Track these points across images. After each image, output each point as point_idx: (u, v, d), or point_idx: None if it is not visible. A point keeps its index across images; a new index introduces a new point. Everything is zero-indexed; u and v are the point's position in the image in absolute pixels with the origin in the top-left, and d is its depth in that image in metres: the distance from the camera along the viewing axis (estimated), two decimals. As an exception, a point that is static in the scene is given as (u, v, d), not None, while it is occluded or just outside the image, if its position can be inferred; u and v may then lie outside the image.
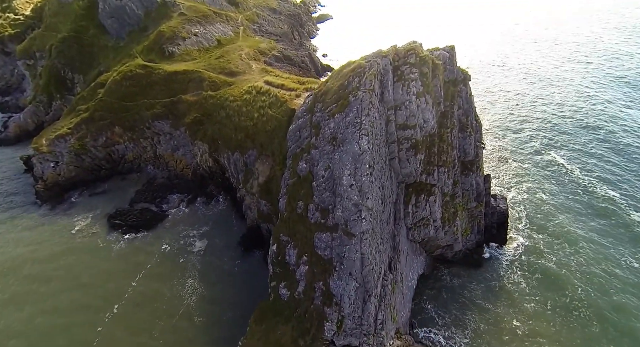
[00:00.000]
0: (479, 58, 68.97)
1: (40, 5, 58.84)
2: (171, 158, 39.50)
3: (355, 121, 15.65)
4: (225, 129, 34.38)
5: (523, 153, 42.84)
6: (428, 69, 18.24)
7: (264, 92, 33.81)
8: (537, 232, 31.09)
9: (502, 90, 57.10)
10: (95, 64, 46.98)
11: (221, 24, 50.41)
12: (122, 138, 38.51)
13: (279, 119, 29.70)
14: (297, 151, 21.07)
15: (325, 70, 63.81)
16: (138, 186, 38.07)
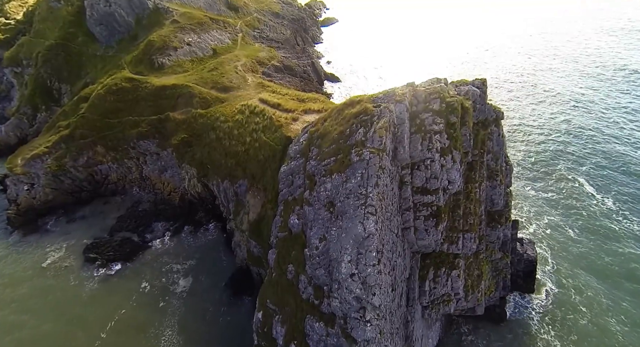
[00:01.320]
0: (493, 65, 64.77)
1: (31, 10, 56.26)
2: (158, 180, 36.28)
3: (359, 192, 12.06)
4: (214, 152, 31.01)
5: (545, 178, 38.61)
6: (457, 117, 14.52)
7: (258, 112, 30.35)
8: (568, 277, 27.08)
9: (518, 104, 52.89)
10: (82, 74, 44.08)
11: (218, 32, 47.12)
12: (105, 158, 35.41)
13: (273, 148, 26.20)
14: (289, 198, 17.56)
15: (329, 80, 60.36)
16: (121, 211, 34.92)
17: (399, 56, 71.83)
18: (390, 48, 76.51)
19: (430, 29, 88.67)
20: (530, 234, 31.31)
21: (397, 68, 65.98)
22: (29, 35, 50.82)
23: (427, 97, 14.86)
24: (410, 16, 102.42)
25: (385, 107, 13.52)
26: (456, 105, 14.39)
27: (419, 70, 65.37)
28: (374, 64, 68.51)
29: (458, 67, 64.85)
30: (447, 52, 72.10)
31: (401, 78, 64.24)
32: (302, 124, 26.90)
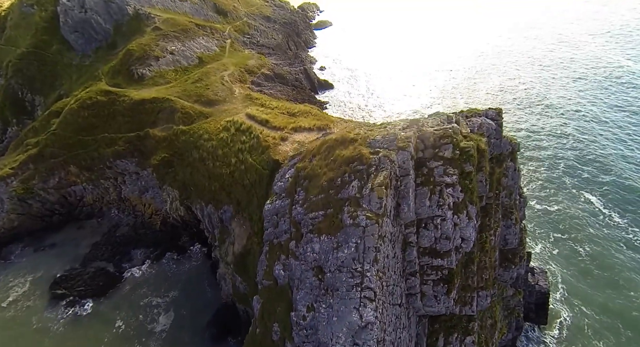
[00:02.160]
0: (488, 71, 63.24)
1: (4, 15, 52.74)
2: (138, 201, 33.47)
3: (353, 267, 9.74)
4: (197, 174, 28.41)
5: (550, 193, 36.84)
6: (472, 166, 12.15)
7: (244, 130, 27.83)
8: (582, 303, 25.14)
9: (514, 113, 51.32)
10: (57, 85, 40.96)
11: (204, 38, 44.45)
12: (79, 178, 32.48)
13: (260, 171, 23.72)
14: (274, 241, 15.19)
15: (323, 87, 58.00)
16: (96, 237, 31.99)
17: (394, 60, 69.91)
18: (385, 52, 74.57)
19: (426, 31, 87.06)
20: (537, 255, 29.42)
21: (392, 73, 64.03)
22: (0, 42, 47.41)
23: (436, 142, 12.20)
24: (405, 18, 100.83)
25: (385, 156, 11.03)
26: (472, 152, 11.88)
27: (414, 73, 63.60)
28: (368, 69, 66.41)
29: (453, 71, 63.18)
30: (442, 55, 70.50)
31: (396, 83, 62.99)
32: (292, 144, 24.51)
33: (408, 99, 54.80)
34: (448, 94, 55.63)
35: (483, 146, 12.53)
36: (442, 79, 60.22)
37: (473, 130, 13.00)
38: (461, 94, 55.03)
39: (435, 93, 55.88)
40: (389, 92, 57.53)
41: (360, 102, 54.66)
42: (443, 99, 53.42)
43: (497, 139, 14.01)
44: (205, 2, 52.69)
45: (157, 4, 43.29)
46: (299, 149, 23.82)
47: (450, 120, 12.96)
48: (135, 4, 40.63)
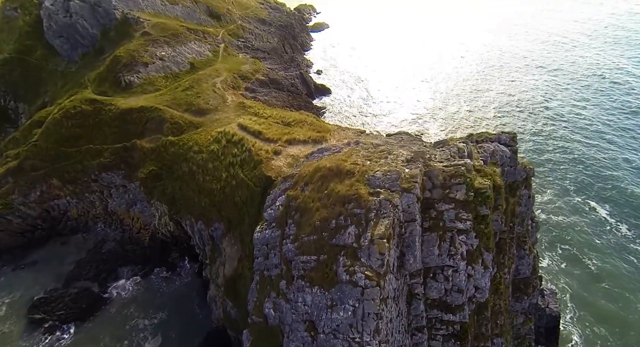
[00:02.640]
0: (488, 72, 62.17)
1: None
2: (126, 215, 31.85)
3: (350, 336, 8.25)
4: (187, 188, 26.91)
5: (554, 202, 35.74)
6: (489, 208, 10.47)
7: (236, 141, 26.42)
8: (594, 322, 23.90)
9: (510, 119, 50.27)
10: (42, 92, 39.26)
11: (196, 43, 42.95)
12: (63, 191, 30.83)
13: (251, 189, 22.31)
14: (264, 273, 13.81)
15: (319, 92, 56.53)
16: (81, 254, 30.32)
17: (394, 61, 68.72)
18: (383, 53, 73.34)
19: (425, 32, 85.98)
20: (545, 269, 28.22)
21: (391, 75, 62.71)
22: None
23: (446, 181, 10.50)
24: (404, 18, 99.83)
25: (387, 199, 9.48)
26: (489, 193, 10.33)
27: (414, 75, 62.32)
28: (366, 72, 65.12)
29: (454, 74, 62.03)
30: (442, 56, 69.41)
31: (394, 87, 61.72)
32: (285, 158, 23.12)
33: (409, 103, 53.43)
34: (450, 98, 54.14)
35: (499, 181, 10.99)
36: (444, 83, 58.92)
37: (486, 160, 11.50)
38: (464, 100, 53.49)
39: (438, 98, 54.47)
40: (389, 95, 56.13)
41: (358, 107, 53.25)
42: (445, 105, 51.93)
43: (511, 166, 12.56)
44: (198, 5, 51.20)
45: (146, 8, 41.74)
46: (293, 164, 22.47)
47: (461, 154, 11.29)
48: (123, 8, 39.06)
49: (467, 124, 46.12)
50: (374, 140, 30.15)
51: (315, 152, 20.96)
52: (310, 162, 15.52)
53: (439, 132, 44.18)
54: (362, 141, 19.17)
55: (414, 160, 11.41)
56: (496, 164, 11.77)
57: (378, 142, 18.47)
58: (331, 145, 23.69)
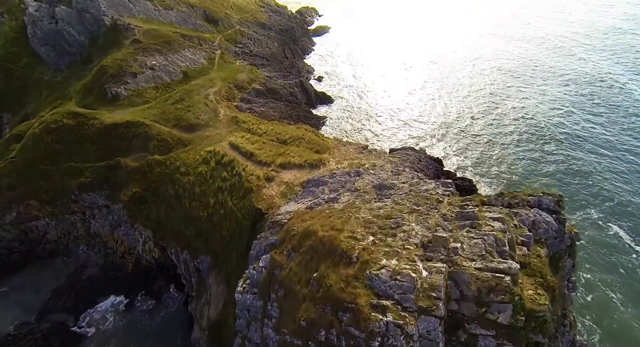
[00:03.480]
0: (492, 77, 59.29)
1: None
2: (110, 237, 29.62)
3: None
4: (172, 213, 24.65)
5: (573, 224, 33.03)
6: (546, 335, 7.21)
7: (225, 163, 24.16)
8: None
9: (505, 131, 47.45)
10: (26, 102, 37.24)
11: (190, 50, 40.81)
12: (41, 212, 28.68)
13: (240, 221, 20.01)
14: (246, 342, 11.42)
15: (320, 101, 54.06)
16: (60, 280, 28.10)
17: (398, 66, 65.85)
18: (387, 57, 70.46)
19: (431, 34, 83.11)
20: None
21: (395, 81, 59.90)
22: (-30, 53, 43.73)
23: (482, 294, 7.11)
24: (409, 19, 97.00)
25: (397, 326, 6.54)
26: (547, 317, 7.11)
27: (417, 80, 59.55)
28: (370, 78, 62.46)
29: (463, 81, 59.29)
30: (450, 61, 66.58)
31: (399, 94, 59.06)
32: (278, 186, 20.81)
33: (414, 111, 50.03)
34: (461, 110, 50.18)
35: (551, 280, 7.70)
36: (454, 92, 55.70)
37: (528, 242, 8.38)
38: (478, 111, 49.63)
39: (447, 107, 50.95)
40: (394, 102, 53.15)
41: (360, 116, 50.43)
42: (457, 120, 48.00)
43: (557, 238, 9.79)
44: (194, 10, 49.11)
45: (138, 14, 39.66)
46: (286, 193, 20.12)
47: (500, 246, 7.67)
48: (113, 14, 36.99)
49: (478, 140, 43.10)
50: (377, 160, 27.71)
51: (311, 183, 18.63)
52: (301, 215, 13.00)
53: (448, 147, 41.40)
54: (364, 177, 16.77)
55: (433, 249, 8.42)
56: (541, 243, 9.00)
57: (383, 175, 16.06)
58: (329, 172, 21.34)
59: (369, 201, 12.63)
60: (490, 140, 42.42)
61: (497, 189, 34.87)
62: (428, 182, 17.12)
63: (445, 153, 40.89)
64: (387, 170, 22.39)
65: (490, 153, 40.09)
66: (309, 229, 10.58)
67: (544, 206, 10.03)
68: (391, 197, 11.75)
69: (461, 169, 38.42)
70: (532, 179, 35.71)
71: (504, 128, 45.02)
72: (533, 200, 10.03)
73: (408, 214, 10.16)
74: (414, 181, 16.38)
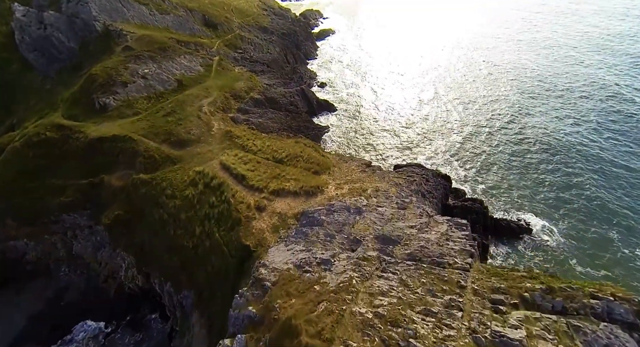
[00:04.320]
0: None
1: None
2: (93, 259, 27.69)
3: None
4: (157, 240, 22.63)
5: (594, 252, 30.21)
6: None
7: (215, 187, 22.08)
8: None
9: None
10: (14, 111, 35.63)
11: (187, 57, 38.95)
12: (19, 232, 26.87)
13: (226, 257, 17.89)
14: None
15: (322, 109, 51.81)
16: (38, 305, 26.21)
17: (405, 71, 63.04)
18: (394, 63, 67.65)
19: (441, 35, 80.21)
20: None
21: (403, 88, 57.16)
22: (-39, 57, 42.34)
23: None
24: (417, 20, 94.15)
25: None
26: None
27: (426, 88, 56.74)
28: (375, 83, 59.98)
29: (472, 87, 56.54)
30: (462, 66, 63.77)
31: (406, 101, 56.35)
32: (270, 218, 18.67)
33: (422, 121, 47.20)
34: (473, 122, 46.46)
35: None
36: (466, 101, 52.64)
37: None
38: (491, 123, 46.34)
39: (461, 120, 47.61)
40: (400, 112, 50.32)
41: (364, 128, 47.81)
42: (468, 133, 43.87)
43: None
44: (193, 14, 47.31)
45: (132, 19, 37.90)
46: (279, 226, 17.95)
47: None
48: (105, 20, 35.26)
49: (492, 155, 40.02)
50: (381, 183, 25.41)
51: (305, 217, 16.44)
52: (287, 283, 10.83)
53: (456, 161, 38.80)
54: (365, 217, 14.50)
55: None
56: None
57: (389, 204, 13.81)
58: (327, 201, 19.12)
59: (369, 276, 10.30)
60: (507, 156, 39.39)
61: (511, 211, 32.20)
62: (440, 221, 14.83)
63: (453, 167, 38.29)
64: (391, 199, 20.11)
65: (506, 171, 37.18)
66: (291, 323, 8.43)
67: (616, 317, 7.07)
68: (398, 272, 9.52)
69: (468, 182, 35.73)
70: (552, 210, 32.27)
71: (522, 145, 41.58)
72: (600, 307, 7.18)
73: (421, 316, 7.86)
74: (422, 221, 14.10)
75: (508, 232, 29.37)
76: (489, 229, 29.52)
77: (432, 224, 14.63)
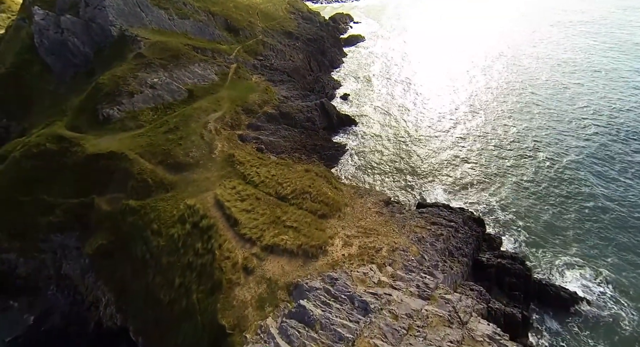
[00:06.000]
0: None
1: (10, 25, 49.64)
2: (80, 282, 25.87)
3: None
4: (136, 282, 19.89)
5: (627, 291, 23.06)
6: None
7: (203, 228, 18.87)
8: None
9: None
10: (32, 113, 35.45)
11: (201, 65, 36.70)
12: (10, 245, 25.68)
13: (198, 332, 14.43)
14: None
15: (343, 126, 46.79)
16: (21, 327, 24.85)
17: (441, 88, 56.34)
18: (430, 76, 60.89)
19: (486, 47, 72.02)
20: None
21: (437, 106, 50.62)
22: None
23: None
24: (459, 29, 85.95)
25: None
26: None
27: (466, 109, 49.95)
28: (405, 100, 54.30)
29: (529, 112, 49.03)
30: (509, 82, 56.51)
31: (438, 121, 49.81)
32: (257, 285, 15.05)
33: (456, 149, 39.69)
34: (517, 149, 37.94)
35: None
36: (507, 120, 45.59)
37: None
38: (540, 152, 37.75)
39: (505, 146, 40.33)
40: (433, 133, 44.05)
41: (389, 149, 42.25)
42: (511, 163, 36.32)
43: None
44: (215, 18, 45.33)
45: (150, 24, 36.36)
46: (266, 298, 14.15)
47: None
48: (122, 25, 33.92)
49: (540, 194, 32.98)
50: (399, 237, 20.78)
51: (299, 292, 12.51)
52: None
53: (497, 207, 32.05)
54: (374, 322, 10.27)
55: None
56: None
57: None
58: (328, 268, 15.04)
59: None
60: (561, 199, 32.00)
61: (563, 272, 25.77)
62: (478, 337, 10.18)
63: (489, 206, 32.00)
64: (411, 273, 15.58)
65: (558, 218, 29.99)
66: None
67: None
68: None
69: (507, 228, 29.50)
70: (621, 275, 25.34)
71: (581, 186, 33.87)
72: None
73: None
74: (453, 338, 9.60)
75: (557, 301, 23.27)
76: (531, 295, 23.66)
77: (467, 341, 10.08)
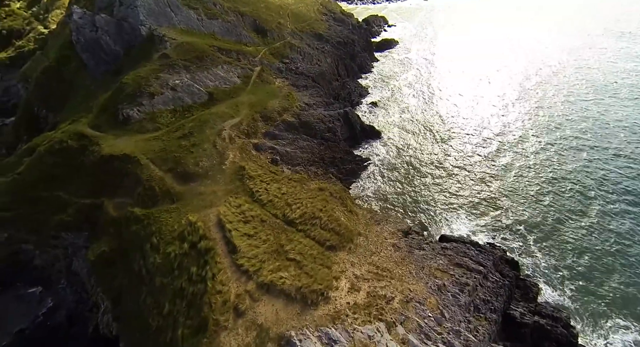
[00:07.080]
0: None
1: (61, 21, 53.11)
2: (87, 280, 26.07)
3: None
4: (131, 296, 19.05)
5: None
6: None
7: (201, 251, 17.46)
8: None
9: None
10: (67, 107, 37.07)
11: (224, 67, 35.95)
12: (29, 237, 26.49)
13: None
14: None
15: (367, 137, 42.93)
16: (30, 317, 25.53)
17: (480, 103, 50.50)
18: (468, 90, 55.43)
19: (522, 54, 65.16)
20: None
21: (474, 121, 45.19)
22: (43, 51, 46.83)
23: None
24: (504, 37, 78.48)
25: None
26: None
27: (507, 126, 44.50)
28: (438, 112, 49.77)
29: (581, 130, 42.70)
30: (549, 93, 49.86)
31: (476, 137, 44.56)
32: (246, 332, 13.26)
33: (494, 174, 34.92)
34: (558, 174, 35.32)
35: None
36: (558, 144, 39.78)
37: None
38: (585, 180, 34.58)
39: (546, 171, 36.11)
40: (465, 152, 38.35)
41: (415, 166, 38.50)
42: (553, 191, 33.30)
43: None
44: (244, 19, 44.64)
45: (179, 24, 36.34)
46: (254, 345, 12.20)
47: None
48: (151, 24, 34.13)
49: (593, 242, 28.18)
50: (417, 283, 17.80)
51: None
52: None
53: (535, 248, 27.46)
54: None
55: None
56: None
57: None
58: (327, 323, 12.68)
59: None
60: (618, 241, 27.03)
61: (617, 332, 21.03)
62: None
63: (526, 246, 27.50)
64: (428, 329, 12.72)
65: (612, 264, 25.27)
66: None
67: None
68: None
69: (548, 274, 25.11)
70: None
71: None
72: None
73: None
74: None
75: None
76: (579, 369, 19.44)
77: None
